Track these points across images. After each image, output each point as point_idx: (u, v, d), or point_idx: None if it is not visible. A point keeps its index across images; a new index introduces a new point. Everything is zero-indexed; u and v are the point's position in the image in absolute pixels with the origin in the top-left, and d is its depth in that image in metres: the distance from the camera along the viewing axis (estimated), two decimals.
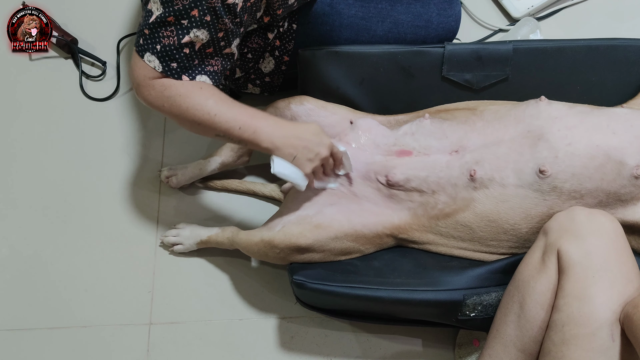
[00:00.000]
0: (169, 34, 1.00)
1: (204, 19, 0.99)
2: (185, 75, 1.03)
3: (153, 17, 1.00)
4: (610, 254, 0.95)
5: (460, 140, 1.15)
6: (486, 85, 1.26)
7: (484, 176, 1.09)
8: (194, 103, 1.02)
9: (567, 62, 1.24)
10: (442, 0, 1.30)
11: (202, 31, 1.00)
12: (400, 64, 1.25)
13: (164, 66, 1.01)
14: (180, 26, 0.99)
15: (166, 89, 1.02)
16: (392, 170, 1.15)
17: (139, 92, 1.04)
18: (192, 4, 0.98)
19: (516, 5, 1.52)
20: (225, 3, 1.00)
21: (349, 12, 1.27)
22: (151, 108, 1.05)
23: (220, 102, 1.04)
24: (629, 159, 1.05)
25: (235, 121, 1.04)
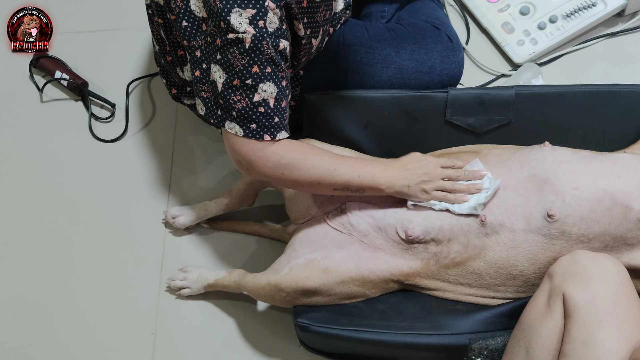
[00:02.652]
0: (239, 97, 1.01)
1: (265, 71, 1.01)
2: (267, 134, 1.04)
3: (220, 85, 1.02)
4: (616, 298, 0.95)
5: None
6: (489, 130, 1.28)
7: (494, 221, 1.09)
8: (313, 163, 1.06)
9: (569, 107, 1.26)
10: (446, 48, 1.33)
11: (268, 84, 1.02)
12: (405, 108, 1.27)
13: (244, 129, 1.02)
14: (246, 86, 1.01)
15: (282, 157, 1.04)
16: (409, 225, 1.14)
17: (253, 169, 1.06)
18: (250, 61, 0.99)
19: (518, 51, 1.55)
20: (278, 50, 1.02)
21: (355, 58, 1.30)
22: (268, 180, 1.09)
23: (335, 157, 1.10)
24: (634, 203, 1.05)
25: (353, 171, 1.09)
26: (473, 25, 1.63)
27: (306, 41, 1.14)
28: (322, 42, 1.24)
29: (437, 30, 1.34)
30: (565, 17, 1.54)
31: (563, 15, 1.55)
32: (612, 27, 1.59)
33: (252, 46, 0.98)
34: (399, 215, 1.15)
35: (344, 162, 1.09)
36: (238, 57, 0.99)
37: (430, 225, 1.13)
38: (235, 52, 0.99)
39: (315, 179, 1.06)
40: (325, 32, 1.22)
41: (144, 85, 1.63)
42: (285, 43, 1.03)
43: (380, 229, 1.16)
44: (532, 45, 1.54)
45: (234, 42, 0.98)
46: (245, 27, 0.97)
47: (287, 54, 1.05)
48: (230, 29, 0.98)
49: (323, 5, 1.14)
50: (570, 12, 1.54)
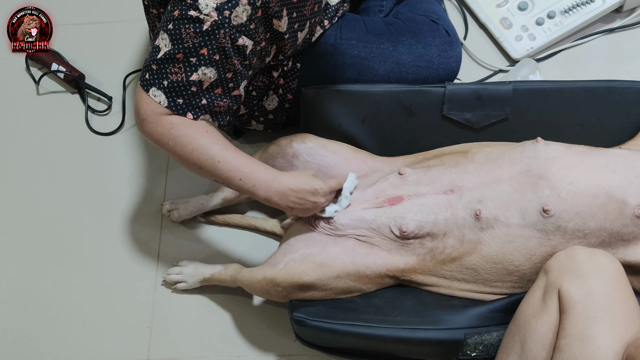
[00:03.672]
0: (177, 70, 1.01)
1: (213, 57, 1.01)
2: (191, 112, 1.04)
3: (161, 53, 1.02)
4: (612, 294, 0.95)
5: (452, 181, 1.15)
6: (486, 125, 1.28)
7: (489, 215, 1.09)
8: (199, 146, 1.03)
9: (566, 103, 1.26)
10: (444, 42, 1.32)
11: (211, 69, 1.02)
12: (402, 103, 1.27)
13: (170, 101, 1.02)
14: (188, 63, 1.01)
15: (173, 128, 1.03)
16: (402, 221, 1.14)
17: (144, 127, 1.05)
18: (202, 42, 1.00)
19: (516, 47, 1.54)
20: (235, 44, 1.02)
21: (352, 52, 1.30)
22: (153, 144, 1.06)
23: (225, 149, 1.06)
24: (630, 199, 1.06)
25: (237, 171, 1.06)
26: (471, 20, 1.63)
27: (289, 35, 1.14)
28: (312, 33, 1.23)
29: (435, 25, 1.34)
30: (564, 12, 1.54)
31: (561, 11, 1.54)
32: (610, 23, 1.59)
33: (209, 30, 0.99)
34: (389, 214, 1.15)
35: (232, 159, 1.05)
36: (191, 35, 0.99)
37: (424, 220, 1.13)
38: (190, 29, 0.99)
39: (196, 162, 1.04)
40: (315, 24, 1.22)
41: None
42: (247, 41, 1.03)
43: (374, 229, 1.16)
44: (530, 40, 1.54)
45: (193, 19, 0.98)
46: (209, 11, 0.98)
47: (247, 52, 1.05)
48: (194, 7, 0.98)
49: None
50: (569, 7, 1.54)
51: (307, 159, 1.28)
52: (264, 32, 1.08)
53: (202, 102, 1.04)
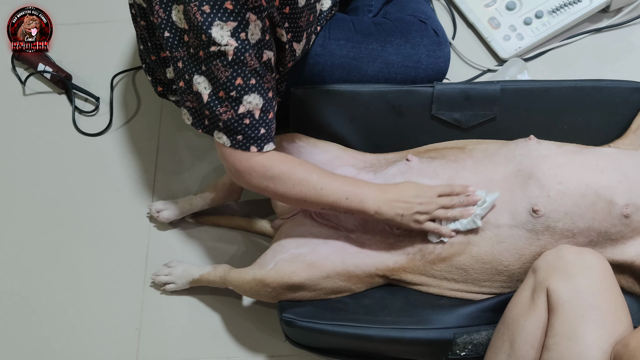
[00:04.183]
0: (225, 108, 1.01)
1: (249, 83, 1.00)
2: (254, 146, 1.03)
3: (205, 97, 1.01)
4: (599, 292, 0.95)
5: (452, 178, 1.16)
6: (474, 125, 1.28)
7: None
8: (299, 179, 1.05)
9: (554, 102, 1.26)
10: (432, 42, 1.33)
11: (253, 95, 1.01)
12: (391, 103, 1.27)
13: (231, 140, 1.02)
14: (231, 98, 1.00)
15: (268, 170, 1.04)
16: None
17: (241, 179, 1.06)
18: (234, 73, 0.98)
19: (504, 47, 1.55)
20: (262, 62, 1.01)
21: (341, 52, 1.29)
22: (254, 190, 1.07)
23: (324, 175, 1.07)
24: (618, 198, 1.06)
25: (341, 192, 1.06)
26: (459, 20, 1.63)
27: (288, 46, 1.13)
28: (308, 43, 1.23)
29: (423, 25, 1.34)
30: (551, 12, 1.55)
31: (549, 11, 1.55)
32: (598, 23, 1.60)
33: (234, 58, 0.98)
34: None
35: (333, 182, 1.07)
36: (221, 70, 0.98)
37: None
38: (219, 64, 0.98)
39: (300, 196, 1.05)
40: (311, 34, 1.21)
41: (129, 79, 1.61)
42: (269, 54, 1.03)
43: (367, 223, 1.16)
44: (518, 40, 1.54)
45: (217, 54, 0.97)
46: (227, 40, 0.96)
47: (272, 64, 1.04)
48: (212, 42, 0.96)
49: (306, 10, 1.13)
50: (556, 7, 1.55)
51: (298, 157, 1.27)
52: (274, 41, 1.08)
53: (261, 133, 1.04)
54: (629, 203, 1.06)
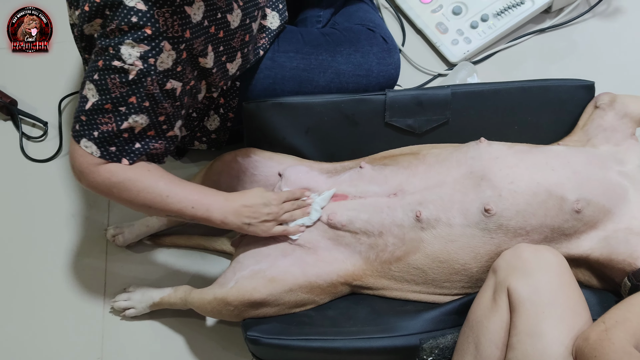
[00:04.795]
0: (107, 120, 0.99)
1: (142, 105, 0.99)
2: (126, 158, 1.02)
3: (89, 104, 0.99)
4: (558, 289, 0.97)
5: (400, 184, 1.16)
6: (428, 130, 1.29)
7: (429, 216, 1.10)
8: (144, 186, 1.02)
9: (504, 103, 1.28)
10: (382, 50, 1.34)
11: (142, 116, 1.00)
12: (344, 113, 1.27)
13: (102, 150, 1.00)
14: (118, 113, 0.99)
15: (113, 175, 1.01)
16: (332, 213, 1.16)
17: (82, 179, 1.03)
18: (129, 91, 0.98)
19: (453, 51, 1.57)
20: (163, 89, 1.01)
21: (291, 64, 1.29)
22: (100, 194, 1.04)
23: (171, 183, 1.05)
24: (569, 194, 1.08)
25: (187, 201, 1.05)
26: (408, 27, 1.65)
27: (217, 69, 1.13)
28: (247, 61, 1.22)
29: (372, 33, 1.35)
30: (496, 15, 1.58)
31: (494, 14, 1.58)
32: (541, 23, 1.64)
33: (135, 79, 0.97)
34: (326, 209, 1.18)
35: (180, 191, 1.05)
36: (118, 85, 0.97)
37: (356, 216, 1.14)
38: (117, 79, 0.97)
39: (145, 203, 1.03)
40: (248, 53, 1.21)
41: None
42: (176, 84, 1.03)
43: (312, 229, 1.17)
44: (466, 44, 1.57)
45: (118, 70, 0.96)
46: (133, 60, 0.96)
47: (176, 94, 1.04)
48: (118, 57, 0.96)
49: (240, 31, 1.14)
50: (501, 10, 1.58)
51: (254, 172, 1.26)
52: (191, 71, 1.07)
53: (135, 147, 1.02)
54: (579, 198, 1.08)
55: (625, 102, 1.24)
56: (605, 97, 1.25)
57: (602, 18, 1.64)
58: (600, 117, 1.24)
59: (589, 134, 1.24)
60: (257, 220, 1.11)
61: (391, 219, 1.13)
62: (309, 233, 1.17)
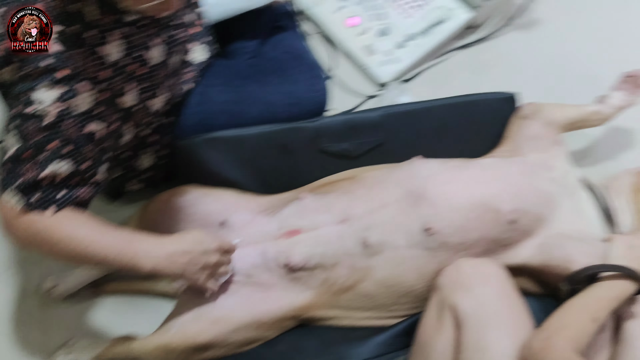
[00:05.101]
0: (29, 168, 0.95)
1: (62, 151, 0.96)
2: (51, 207, 0.97)
3: (11, 152, 0.96)
4: (500, 301, 0.98)
5: (345, 210, 1.16)
6: (363, 152, 1.30)
7: (376, 241, 1.10)
8: (63, 235, 0.97)
9: (434, 121, 1.31)
10: (310, 77, 1.34)
11: (63, 163, 0.97)
12: (278, 143, 1.27)
13: (26, 200, 0.96)
14: (38, 160, 0.95)
15: (32, 224, 0.96)
16: (289, 255, 1.13)
17: (7, 232, 0.98)
18: (47, 137, 0.94)
19: (382, 72, 1.59)
20: (82, 133, 0.98)
21: (221, 98, 1.28)
22: (23, 247, 0.99)
23: (93, 230, 0.99)
24: (504, 206, 1.10)
25: (110, 248, 0.99)
26: (337, 51, 1.66)
27: (140, 108, 1.11)
28: (173, 97, 1.21)
29: (299, 61, 1.36)
30: (421, 34, 1.61)
31: (419, 33, 1.62)
32: (465, 38, 1.68)
33: (53, 123, 0.95)
34: (278, 247, 1.15)
35: (102, 238, 0.99)
36: (36, 131, 0.94)
37: (312, 252, 1.13)
38: (34, 125, 0.94)
39: (65, 254, 0.98)
40: (172, 89, 1.20)
41: None
42: (97, 127, 1.00)
43: (262, 265, 1.15)
44: (394, 64, 1.59)
45: (34, 115, 0.94)
46: (49, 104, 0.94)
47: (98, 137, 1.01)
48: (34, 102, 0.93)
49: (161, 67, 1.12)
50: (425, 28, 1.62)
51: (191, 211, 1.24)
52: (114, 111, 1.05)
53: (59, 195, 0.98)
54: (514, 209, 1.10)
55: (549, 110, 1.28)
56: (530, 107, 1.30)
57: (521, 29, 1.70)
58: (527, 127, 1.28)
59: (517, 144, 1.27)
60: (192, 271, 1.04)
61: (343, 249, 1.12)
62: (262, 273, 1.15)
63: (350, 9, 1.66)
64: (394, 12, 1.64)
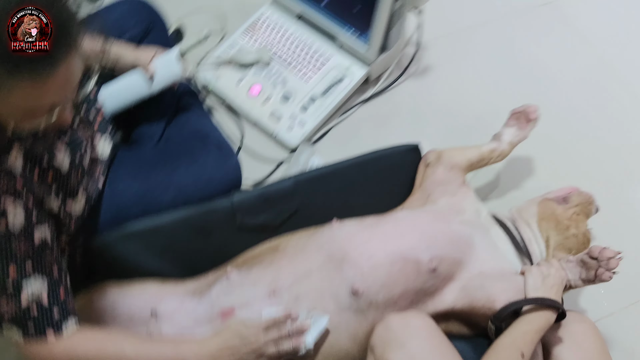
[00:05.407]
0: (4, 301, 0.91)
1: (24, 271, 0.92)
2: (50, 328, 0.93)
3: None
4: (431, 351, 1.01)
5: (273, 282, 1.16)
6: (282, 222, 1.31)
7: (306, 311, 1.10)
8: (110, 353, 0.95)
9: (346, 181, 1.34)
10: (220, 155, 1.34)
11: (33, 282, 0.93)
12: (195, 225, 1.26)
13: (23, 331, 0.92)
14: (7, 292, 0.91)
15: (72, 354, 0.94)
16: None
17: None
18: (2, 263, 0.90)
19: (290, 136, 1.63)
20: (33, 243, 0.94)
21: (132, 189, 1.26)
22: None
23: (136, 344, 0.99)
24: (422, 256, 1.14)
25: (160, 356, 0.99)
26: (244, 122, 1.69)
27: (64, 213, 1.08)
28: (90, 197, 1.18)
29: (206, 141, 1.36)
30: (322, 95, 1.67)
31: (320, 94, 1.67)
32: (365, 93, 1.76)
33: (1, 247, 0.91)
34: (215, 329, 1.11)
35: (149, 349, 1.00)
36: None
37: None
38: None
39: None
40: (88, 189, 1.17)
41: None
42: (43, 232, 0.97)
43: None
44: (301, 127, 1.63)
45: None
46: None
47: (49, 239, 0.98)
48: None
49: (73, 171, 1.10)
50: (325, 89, 1.67)
51: (115, 311, 1.19)
52: (45, 215, 1.01)
53: (55, 315, 0.94)
54: (432, 257, 1.14)
55: (450, 155, 1.35)
56: (432, 154, 1.36)
57: (415, 78, 1.80)
58: (432, 174, 1.33)
59: (427, 191, 1.32)
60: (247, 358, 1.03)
61: None
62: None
63: (251, 79, 1.70)
64: (292, 77, 1.69)
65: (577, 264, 1.15)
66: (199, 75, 1.71)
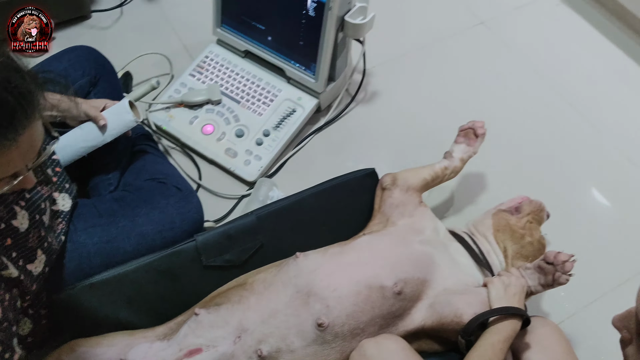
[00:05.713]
0: None
1: None
2: None
3: None
4: None
5: (240, 322, 1.16)
6: (247, 258, 1.31)
7: (271, 351, 1.11)
8: None
9: (306, 212, 1.37)
10: (178, 199, 1.35)
11: None
12: (160, 271, 1.25)
13: None
14: None
15: None
16: None
17: None
18: None
19: (248, 171, 1.64)
20: None
21: (92, 240, 1.25)
22: None
23: None
24: (386, 281, 1.16)
25: None
26: (201, 161, 1.69)
27: (24, 275, 1.06)
28: (52, 254, 1.17)
29: (164, 185, 1.36)
30: (275, 128, 1.69)
31: (273, 127, 1.69)
32: (318, 122, 1.79)
33: None
34: None
35: None
36: None
37: None
38: None
39: None
40: (50, 246, 1.16)
41: None
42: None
43: None
44: (257, 161, 1.65)
45: None
46: None
47: None
48: None
49: (32, 230, 1.09)
50: (278, 122, 1.70)
51: None
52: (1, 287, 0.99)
53: None
54: (396, 281, 1.16)
55: (405, 177, 1.38)
56: (387, 178, 1.39)
57: (365, 103, 1.85)
58: (389, 197, 1.37)
59: (386, 214, 1.36)
60: None
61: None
62: None
63: (203, 117, 1.71)
64: (245, 112, 1.72)
65: (535, 270, 1.20)
66: (151, 118, 1.71)
